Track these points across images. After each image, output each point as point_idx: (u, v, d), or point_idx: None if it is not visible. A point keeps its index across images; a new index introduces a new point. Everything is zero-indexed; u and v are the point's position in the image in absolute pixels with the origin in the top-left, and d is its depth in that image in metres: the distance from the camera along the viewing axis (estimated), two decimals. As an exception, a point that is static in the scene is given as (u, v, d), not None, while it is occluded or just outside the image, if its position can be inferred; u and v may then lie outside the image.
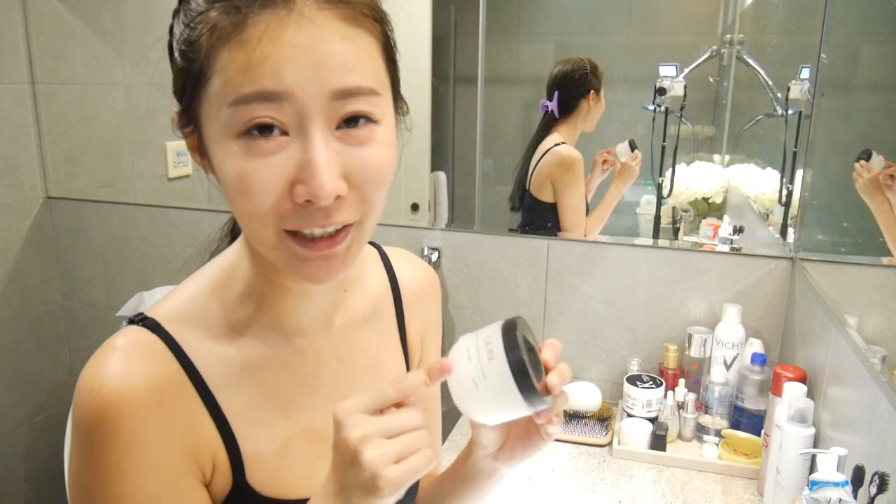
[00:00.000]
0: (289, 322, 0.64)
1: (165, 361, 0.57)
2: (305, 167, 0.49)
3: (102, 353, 0.56)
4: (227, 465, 0.59)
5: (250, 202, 0.51)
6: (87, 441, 0.53)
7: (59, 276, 2.05)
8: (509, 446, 0.65)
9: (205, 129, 0.53)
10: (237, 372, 0.60)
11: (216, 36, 0.49)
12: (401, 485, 0.50)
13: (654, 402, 1.38)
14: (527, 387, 0.54)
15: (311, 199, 0.49)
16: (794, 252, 1.39)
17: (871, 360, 0.93)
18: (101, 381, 0.53)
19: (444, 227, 1.75)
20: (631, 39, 1.86)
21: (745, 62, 1.74)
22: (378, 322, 0.73)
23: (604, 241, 1.58)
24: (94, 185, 2.03)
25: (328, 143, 0.50)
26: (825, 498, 0.81)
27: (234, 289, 0.62)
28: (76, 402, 0.54)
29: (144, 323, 0.58)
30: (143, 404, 0.54)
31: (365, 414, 0.51)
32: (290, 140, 0.50)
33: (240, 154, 0.50)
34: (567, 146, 1.75)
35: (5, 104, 1.84)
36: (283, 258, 0.54)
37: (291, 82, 0.48)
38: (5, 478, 1.96)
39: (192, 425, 0.57)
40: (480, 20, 1.84)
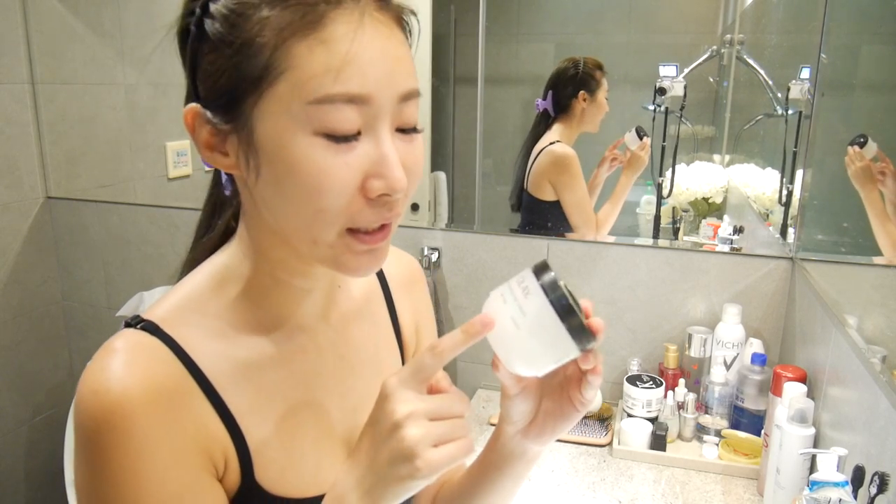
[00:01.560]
0: (289, 319, 0.64)
1: (168, 362, 0.56)
2: (381, 163, 0.52)
3: (102, 356, 0.55)
4: (236, 464, 0.59)
5: (323, 200, 0.51)
6: (96, 447, 0.52)
7: (59, 276, 2.05)
8: (540, 420, 0.63)
9: (263, 126, 0.52)
10: (241, 370, 0.60)
11: (289, 32, 0.49)
12: (437, 468, 0.50)
13: (654, 402, 1.38)
14: (568, 313, 0.52)
15: (387, 192, 0.52)
16: (794, 252, 1.39)
17: (871, 360, 0.93)
18: (106, 384, 0.52)
19: (444, 227, 1.75)
20: (631, 39, 1.87)
21: (745, 62, 1.74)
22: (372, 316, 0.74)
23: (604, 241, 1.58)
24: (94, 185, 2.03)
25: (394, 142, 0.53)
26: (825, 498, 0.81)
27: (233, 288, 0.62)
28: (79, 409, 0.53)
29: (142, 326, 0.57)
30: (153, 403, 0.53)
31: (412, 391, 0.51)
32: (362, 137, 0.52)
33: (319, 149, 0.50)
34: (561, 144, 1.75)
35: (5, 104, 1.84)
36: (335, 255, 0.55)
37: (372, 86, 0.50)
38: (5, 478, 1.96)
39: (201, 423, 0.57)
40: (480, 20, 1.84)
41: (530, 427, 0.64)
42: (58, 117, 1.95)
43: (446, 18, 1.95)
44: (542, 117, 1.79)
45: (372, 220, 0.53)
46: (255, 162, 0.53)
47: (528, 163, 1.79)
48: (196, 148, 0.57)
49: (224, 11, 0.51)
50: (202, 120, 0.54)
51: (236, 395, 0.59)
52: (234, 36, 0.50)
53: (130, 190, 2.08)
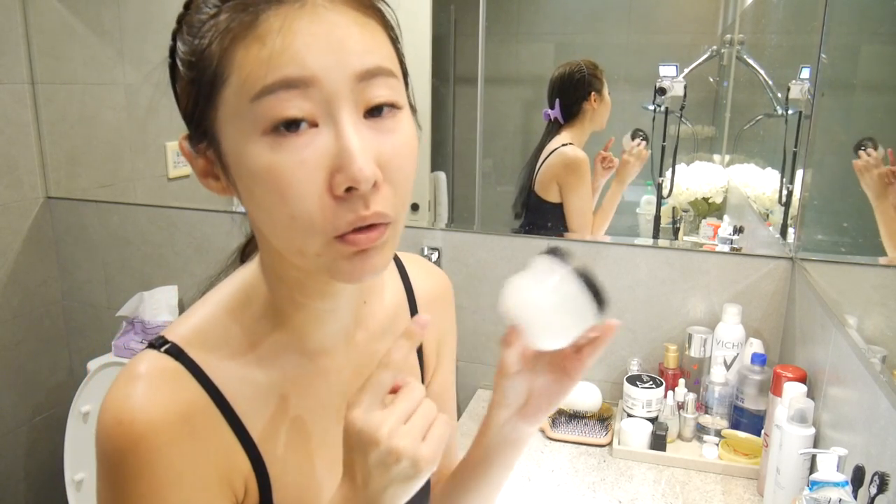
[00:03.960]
0: (312, 342, 0.63)
1: (192, 389, 0.55)
2: (341, 154, 0.48)
3: (125, 382, 0.54)
4: (255, 489, 0.59)
5: (290, 205, 0.48)
6: (119, 476, 0.52)
7: (59, 276, 2.05)
8: (535, 398, 0.64)
9: (224, 138, 0.51)
10: (262, 395, 0.59)
11: (230, 37, 0.48)
12: (436, 458, 0.52)
13: (654, 402, 1.38)
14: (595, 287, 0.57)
15: (352, 184, 0.48)
16: (794, 252, 1.39)
17: (871, 360, 0.93)
18: (131, 414, 0.52)
19: (444, 227, 1.75)
20: (631, 39, 1.86)
21: (745, 62, 1.74)
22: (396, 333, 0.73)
23: (604, 241, 1.58)
24: (94, 185, 2.03)
25: (359, 130, 0.49)
26: (825, 498, 0.81)
27: (254, 310, 0.60)
28: (102, 437, 0.52)
29: (166, 349, 0.56)
30: (177, 434, 0.53)
31: (377, 411, 0.51)
32: (319, 130, 0.48)
33: (270, 150, 0.48)
34: (573, 147, 1.74)
35: (5, 104, 1.84)
36: (327, 263, 0.52)
37: (315, 66, 0.47)
38: (5, 478, 1.96)
39: (223, 451, 0.56)
40: (480, 20, 1.84)
41: (526, 407, 0.65)
42: (58, 117, 1.95)
43: (446, 18, 1.95)
44: (551, 125, 1.78)
45: (348, 220, 0.49)
46: (229, 179, 0.52)
47: (537, 165, 1.78)
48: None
49: (186, 32, 0.51)
50: (188, 149, 0.54)
51: (257, 420, 0.59)
52: (191, 54, 0.50)
53: (130, 190, 2.08)
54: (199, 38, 0.50)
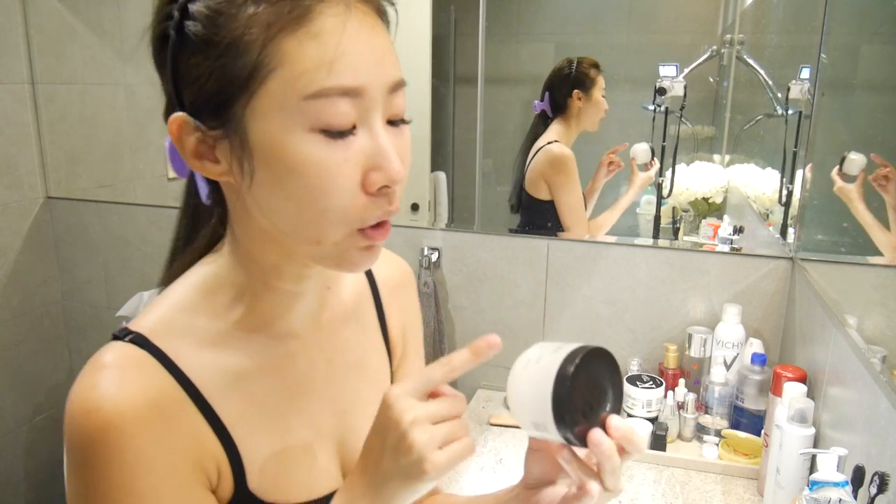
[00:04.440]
0: (280, 325, 0.63)
1: (159, 375, 0.55)
2: (378, 155, 0.51)
3: (91, 372, 0.54)
4: (228, 472, 0.59)
5: (329, 198, 0.51)
6: (89, 465, 0.52)
7: (59, 276, 2.05)
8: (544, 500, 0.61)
9: (256, 126, 0.50)
10: (231, 379, 0.59)
11: (277, 28, 0.48)
12: (445, 469, 0.51)
13: (654, 402, 1.38)
14: (564, 385, 0.51)
15: (388, 183, 0.52)
16: (794, 252, 1.39)
17: (871, 360, 0.93)
18: (98, 402, 0.52)
19: (444, 227, 1.75)
20: (631, 39, 1.86)
21: (745, 62, 1.74)
22: (360, 319, 0.73)
23: (604, 241, 1.58)
24: (94, 185, 2.03)
25: (388, 134, 0.53)
26: (825, 498, 0.81)
27: (224, 296, 0.61)
28: (70, 427, 0.52)
29: (131, 339, 0.56)
30: (146, 420, 0.52)
31: (414, 399, 0.52)
32: (357, 132, 0.51)
33: (318, 147, 0.50)
34: (559, 144, 1.75)
35: (5, 104, 1.84)
36: (341, 253, 0.54)
37: (365, 78, 0.50)
38: (5, 478, 1.96)
39: (194, 436, 0.56)
40: (480, 20, 1.84)
41: (530, 493, 0.63)
42: (58, 117, 1.95)
43: (446, 18, 1.95)
44: (540, 118, 1.79)
45: (376, 215, 0.53)
46: (249, 165, 0.52)
47: (527, 162, 1.79)
48: (183, 158, 0.54)
49: (207, 12, 0.49)
50: (189, 128, 0.53)
51: (227, 405, 0.59)
52: (219, 36, 0.49)
53: (130, 190, 2.08)
54: (232, 20, 0.49)
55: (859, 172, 1.10)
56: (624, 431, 0.54)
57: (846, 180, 1.13)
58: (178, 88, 0.53)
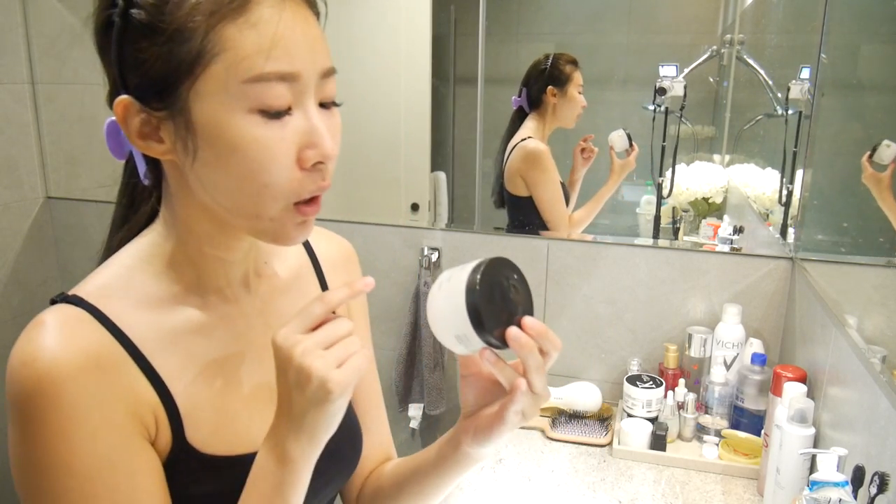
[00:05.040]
0: (213, 289, 0.67)
1: (95, 330, 0.58)
2: (313, 134, 0.56)
3: (30, 329, 0.57)
4: (166, 424, 0.61)
5: (268, 174, 0.55)
6: (26, 416, 0.54)
7: (59, 276, 2.04)
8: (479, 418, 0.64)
9: (199, 108, 0.54)
10: (169, 336, 0.62)
11: (219, 16, 0.52)
12: (348, 385, 0.54)
13: (654, 402, 1.38)
14: (477, 293, 0.55)
15: (321, 159, 0.57)
16: (794, 252, 1.39)
17: (871, 360, 0.93)
18: (34, 354, 0.54)
19: (444, 227, 1.75)
20: (631, 39, 1.86)
21: (745, 62, 1.74)
22: (301, 289, 0.77)
23: (604, 242, 1.58)
24: (94, 185, 2.03)
25: (319, 115, 0.57)
26: (825, 498, 0.81)
27: (158, 263, 0.64)
28: (10, 381, 0.55)
29: (67, 300, 0.59)
30: (81, 369, 0.55)
31: (299, 333, 0.55)
32: (292, 114, 0.56)
33: (257, 127, 0.54)
34: (533, 140, 1.75)
35: (5, 104, 1.84)
36: (276, 227, 0.59)
37: (300, 64, 0.55)
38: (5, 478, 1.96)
39: (131, 387, 0.59)
40: (480, 20, 1.84)
41: (469, 420, 0.66)
42: (58, 117, 1.94)
43: (446, 18, 1.95)
44: (517, 114, 1.79)
45: (310, 189, 0.57)
46: (193, 144, 0.56)
47: (504, 159, 1.79)
48: (128, 138, 0.59)
49: (152, 0, 0.53)
50: (134, 110, 0.57)
51: (165, 359, 0.61)
52: (165, 23, 0.53)
53: (130, 190, 2.08)
54: (177, 9, 0.53)
55: (891, 162, 1.09)
56: (539, 329, 0.58)
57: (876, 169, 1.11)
58: (123, 72, 0.57)
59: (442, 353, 1.68)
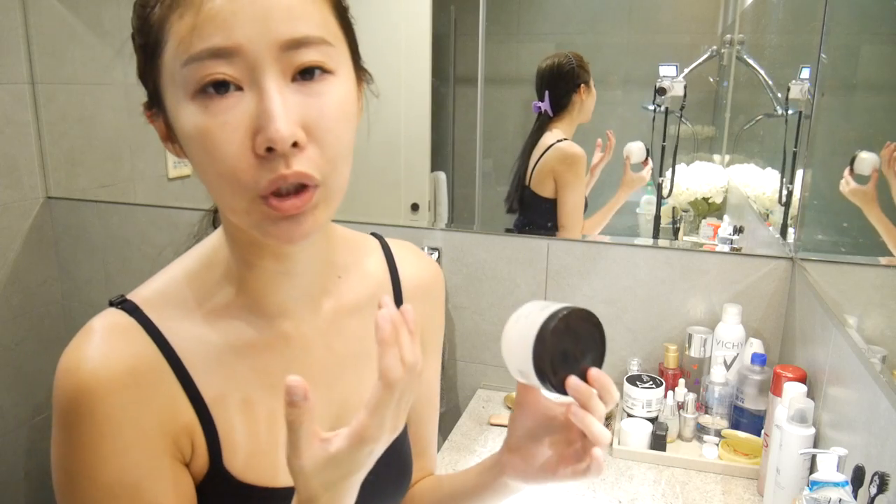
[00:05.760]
0: (270, 305, 0.62)
1: (142, 343, 0.57)
2: (262, 114, 0.49)
3: (81, 336, 0.57)
4: (204, 448, 0.59)
5: (216, 164, 0.50)
6: (64, 422, 0.54)
7: (59, 276, 2.05)
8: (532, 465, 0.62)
9: (167, 103, 0.53)
10: (216, 354, 0.60)
11: (166, 5, 0.51)
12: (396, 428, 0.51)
13: (654, 402, 1.38)
14: (544, 337, 0.55)
15: (270, 144, 0.49)
16: (794, 252, 1.39)
17: (871, 360, 0.93)
18: (77, 364, 0.54)
19: (444, 227, 1.75)
20: (631, 39, 1.86)
21: (745, 62, 1.74)
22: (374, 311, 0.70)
23: (604, 241, 1.58)
24: (94, 185, 2.03)
25: (283, 93, 0.50)
26: (825, 498, 0.81)
27: (215, 272, 0.62)
28: (55, 385, 0.55)
29: (123, 306, 0.58)
30: (119, 385, 0.54)
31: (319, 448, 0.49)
32: (244, 94, 0.50)
33: (197, 113, 0.50)
34: (570, 143, 1.74)
35: (5, 104, 1.84)
36: (255, 222, 0.53)
37: (240, 36, 0.49)
38: (5, 478, 1.96)
39: (169, 407, 0.57)
40: (480, 20, 1.84)
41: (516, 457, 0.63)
42: (58, 117, 1.94)
43: (446, 18, 1.95)
44: (542, 118, 1.78)
45: (268, 179, 0.50)
46: (178, 143, 0.55)
47: (531, 161, 1.78)
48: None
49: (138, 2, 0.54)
50: (147, 109, 0.57)
51: (209, 379, 0.59)
52: (139, 21, 0.53)
53: (130, 190, 2.08)
54: (146, 5, 0.53)
55: (872, 172, 1.09)
56: (602, 381, 0.56)
57: (858, 181, 1.11)
58: None
59: (442, 354, 1.68)
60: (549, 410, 0.61)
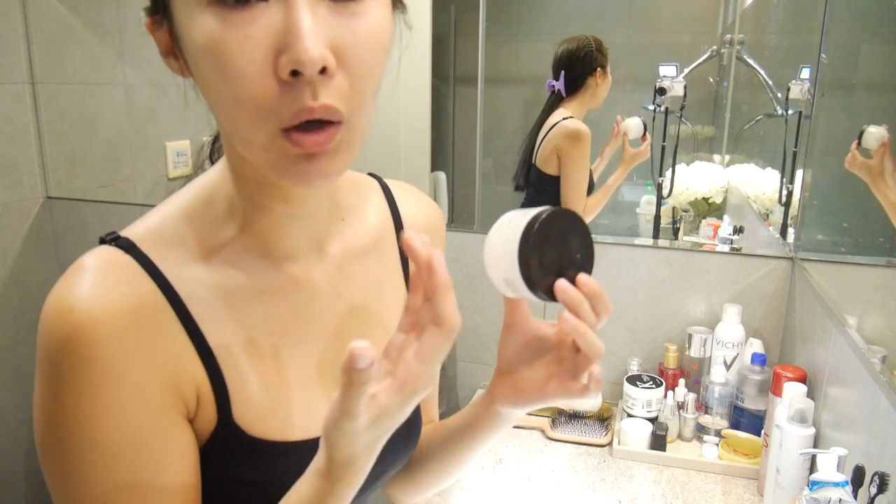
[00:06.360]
0: (277, 247, 0.58)
1: (142, 283, 0.51)
2: (287, 31, 0.42)
3: (71, 273, 0.50)
4: (211, 401, 0.53)
5: (232, 85, 0.44)
6: (55, 371, 0.48)
7: (58, 276, 2.04)
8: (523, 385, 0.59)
9: (174, 9, 0.46)
10: (223, 299, 0.54)
11: None
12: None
13: (654, 402, 1.38)
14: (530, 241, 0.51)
15: (296, 66, 0.42)
16: (794, 252, 1.39)
17: (871, 360, 0.93)
18: (70, 304, 0.48)
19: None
20: (631, 39, 1.87)
21: (745, 62, 1.74)
22: (380, 255, 0.67)
23: (604, 241, 1.58)
24: (94, 185, 2.03)
25: (314, 8, 0.43)
26: (825, 498, 0.81)
27: (216, 210, 0.56)
28: (42, 329, 0.49)
29: (117, 242, 0.52)
30: (120, 328, 0.48)
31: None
32: (269, 6, 0.43)
33: (213, 23, 0.43)
34: (575, 120, 1.74)
35: (5, 104, 1.84)
36: (273, 160, 0.47)
37: None
38: (5, 478, 1.96)
39: (173, 354, 0.51)
40: (480, 20, 1.84)
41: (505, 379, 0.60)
42: (58, 117, 1.94)
43: (446, 18, 1.96)
44: (554, 98, 1.78)
45: (292, 110, 0.44)
46: (183, 56, 0.48)
47: (538, 139, 1.78)
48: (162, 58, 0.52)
49: None
50: (153, 24, 0.50)
51: (215, 325, 0.54)
52: None
53: (130, 190, 2.08)
54: None
55: (879, 147, 1.06)
56: (592, 287, 0.52)
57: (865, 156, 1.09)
58: None
59: (442, 353, 1.68)
60: (538, 330, 0.58)
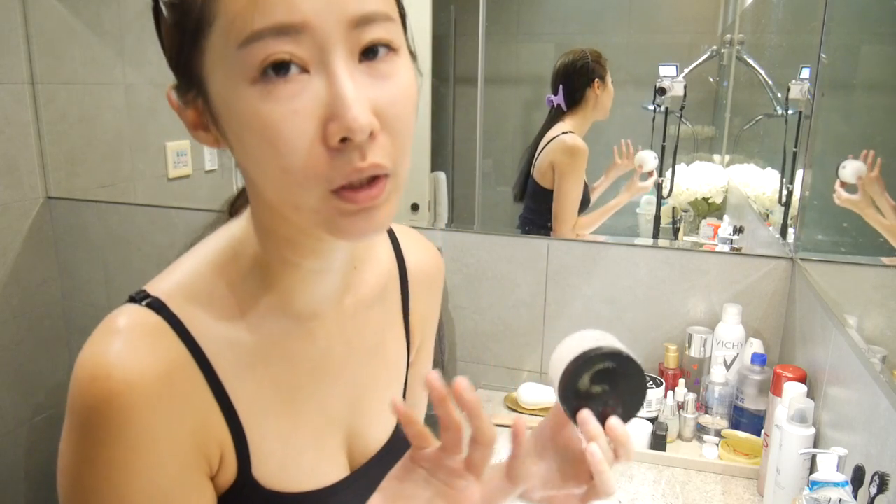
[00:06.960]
0: (301, 304, 0.59)
1: (174, 347, 0.52)
2: (335, 101, 0.44)
3: (103, 335, 0.51)
4: (233, 458, 0.55)
5: (281, 157, 0.45)
6: (89, 434, 0.49)
7: (59, 276, 2.04)
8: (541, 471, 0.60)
9: (212, 85, 0.47)
10: (247, 358, 0.56)
11: None
12: None
13: (654, 402, 1.38)
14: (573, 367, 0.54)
15: (347, 134, 0.44)
16: (794, 252, 1.39)
17: (871, 360, 0.93)
18: (107, 369, 0.48)
19: (444, 227, 1.75)
20: (631, 39, 1.87)
21: (745, 62, 1.74)
22: (384, 302, 0.68)
23: (604, 241, 1.58)
24: (94, 185, 2.03)
25: (353, 76, 0.45)
26: (825, 498, 0.81)
27: (242, 266, 0.56)
28: (75, 391, 0.49)
29: (148, 303, 0.53)
30: (154, 394, 0.49)
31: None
32: (311, 78, 0.45)
33: (259, 100, 0.44)
34: (574, 135, 1.74)
35: (5, 104, 1.84)
36: (324, 219, 0.48)
37: (307, 11, 0.43)
38: (5, 478, 1.96)
39: (202, 416, 0.53)
40: (480, 20, 1.84)
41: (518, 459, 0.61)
42: (58, 117, 1.94)
43: (446, 18, 1.95)
44: (554, 112, 1.78)
45: (344, 173, 0.46)
46: (218, 128, 0.50)
47: (537, 152, 1.78)
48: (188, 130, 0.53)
49: None
50: (178, 93, 0.51)
51: (240, 386, 0.55)
52: None
53: (130, 190, 2.08)
54: None
55: (857, 180, 1.09)
56: (620, 433, 0.54)
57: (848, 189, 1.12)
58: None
59: (441, 352, 1.68)
60: (571, 441, 0.60)
